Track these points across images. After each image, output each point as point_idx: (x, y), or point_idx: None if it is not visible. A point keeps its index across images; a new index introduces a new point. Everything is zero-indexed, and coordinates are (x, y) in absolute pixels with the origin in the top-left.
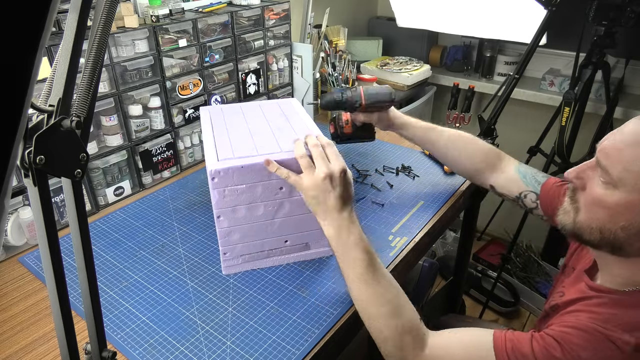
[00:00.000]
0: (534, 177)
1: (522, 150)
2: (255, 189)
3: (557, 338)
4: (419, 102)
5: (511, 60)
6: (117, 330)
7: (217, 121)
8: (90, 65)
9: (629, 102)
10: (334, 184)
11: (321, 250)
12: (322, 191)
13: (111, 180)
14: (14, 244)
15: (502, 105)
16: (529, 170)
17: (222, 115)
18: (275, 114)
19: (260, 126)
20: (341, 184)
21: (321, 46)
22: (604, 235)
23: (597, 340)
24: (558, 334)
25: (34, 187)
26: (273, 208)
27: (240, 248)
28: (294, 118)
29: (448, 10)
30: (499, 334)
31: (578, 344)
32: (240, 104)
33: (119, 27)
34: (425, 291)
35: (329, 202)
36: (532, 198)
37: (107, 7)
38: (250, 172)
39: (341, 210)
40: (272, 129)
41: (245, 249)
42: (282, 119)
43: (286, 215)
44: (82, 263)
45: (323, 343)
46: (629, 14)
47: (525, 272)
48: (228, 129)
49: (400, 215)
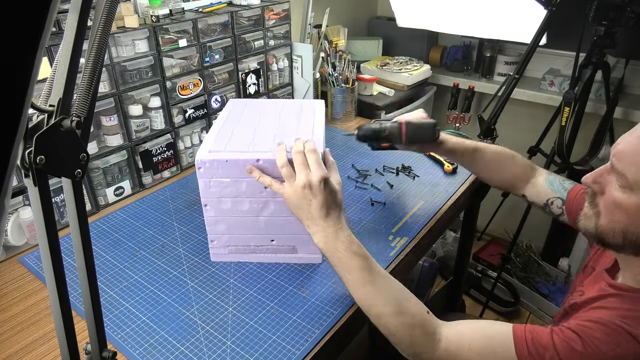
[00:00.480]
0: (561, 184)
1: (522, 150)
2: (240, 184)
3: (578, 331)
4: (419, 102)
5: (511, 60)
6: (117, 330)
7: (234, 114)
8: (91, 65)
9: (629, 102)
10: (313, 192)
11: (309, 256)
12: (303, 200)
13: (111, 180)
14: (14, 244)
15: (502, 105)
16: (557, 178)
17: (243, 108)
18: (292, 113)
19: (269, 124)
20: (321, 193)
21: (321, 46)
22: (627, 237)
23: (618, 334)
24: (578, 328)
25: (34, 187)
26: (258, 205)
27: (227, 239)
28: (305, 120)
29: (448, 10)
30: (518, 326)
31: (599, 337)
32: (265, 100)
33: (119, 27)
34: (425, 291)
35: (311, 210)
36: (558, 204)
37: (107, 7)
38: (235, 167)
39: (326, 218)
40: (278, 128)
41: (231, 240)
42: (295, 119)
43: (272, 214)
44: (82, 263)
45: (323, 343)
46: (629, 14)
47: (525, 272)
48: (239, 123)
49: (400, 215)
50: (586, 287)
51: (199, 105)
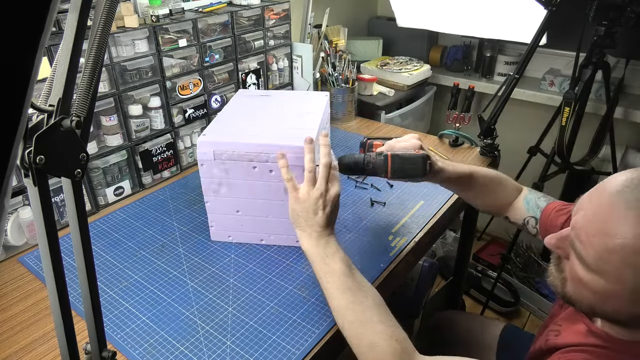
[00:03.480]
0: (536, 203)
1: (522, 150)
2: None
3: None
4: (419, 102)
5: (511, 60)
6: (117, 330)
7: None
8: (90, 65)
9: (629, 102)
10: (325, 203)
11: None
12: (313, 207)
13: (111, 180)
14: (14, 244)
15: (502, 105)
16: (533, 196)
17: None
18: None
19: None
20: (331, 206)
21: (321, 46)
22: (596, 312)
23: None
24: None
25: (34, 187)
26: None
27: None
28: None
29: (448, 10)
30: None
31: None
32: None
33: (119, 27)
34: (425, 291)
35: (317, 218)
36: (533, 224)
37: (107, 7)
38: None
39: (325, 227)
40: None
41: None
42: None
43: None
44: (82, 263)
45: (323, 343)
46: (629, 14)
47: (525, 272)
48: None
49: (400, 215)
50: (563, 327)
51: (198, 105)
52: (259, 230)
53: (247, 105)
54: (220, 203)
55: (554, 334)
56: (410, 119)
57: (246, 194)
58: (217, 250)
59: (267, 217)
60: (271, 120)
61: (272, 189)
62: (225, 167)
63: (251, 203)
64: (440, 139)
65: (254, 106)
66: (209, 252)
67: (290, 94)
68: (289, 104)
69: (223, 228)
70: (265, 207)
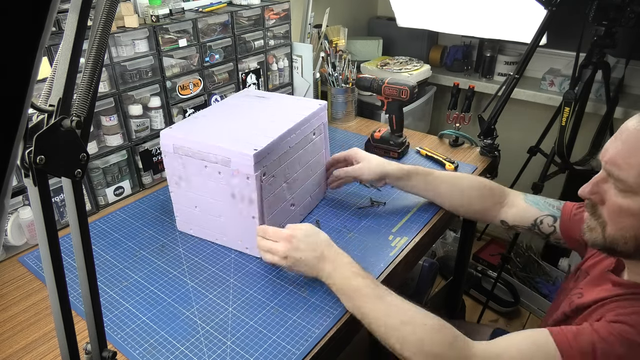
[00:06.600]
0: (547, 203)
1: (522, 150)
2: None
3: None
4: (419, 102)
5: (511, 60)
6: (117, 330)
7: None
8: (90, 65)
9: (629, 102)
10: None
11: None
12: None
13: (111, 180)
14: (14, 244)
15: (502, 105)
16: (539, 198)
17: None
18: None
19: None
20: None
21: (321, 46)
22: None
23: None
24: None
25: (34, 187)
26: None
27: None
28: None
29: (448, 10)
30: (554, 328)
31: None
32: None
33: (119, 27)
34: (425, 291)
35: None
36: (549, 222)
37: (107, 7)
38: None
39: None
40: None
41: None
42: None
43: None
44: (82, 263)
45: (323, 343)
46: (629, 14)
47: (525, 272)
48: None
49: (400, 215)
50: (585, 289)
51: (198, 105)
52: (213, 228)
53: (232, 106)
54: (182, 196)
55: (577, 296)
56: (410, 119)
57: (201, 192)
58: (217, 250)
59: (219, 218)
60: (241, 122)
61: (221, 191)
62: (182, 162)
63: (206, 201)
64: (440, 139)
65: (238, 107)
66: (209, 252)
67: (286, 98)
68: (273, 108)
69: (186, 220)
70: (218, 207)
